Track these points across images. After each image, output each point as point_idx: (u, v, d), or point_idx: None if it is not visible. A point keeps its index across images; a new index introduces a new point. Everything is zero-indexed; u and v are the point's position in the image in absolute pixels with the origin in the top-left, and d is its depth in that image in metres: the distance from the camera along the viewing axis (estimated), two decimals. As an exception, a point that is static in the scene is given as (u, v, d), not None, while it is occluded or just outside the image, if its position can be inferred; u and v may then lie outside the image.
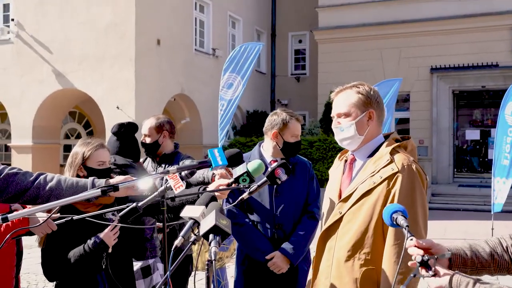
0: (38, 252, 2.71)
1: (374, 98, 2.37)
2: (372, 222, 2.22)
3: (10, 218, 2.10)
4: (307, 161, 3.64)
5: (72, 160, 2.90)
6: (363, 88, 2.38)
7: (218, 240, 1.78)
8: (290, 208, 3.40)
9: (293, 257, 3.31)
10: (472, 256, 1.83)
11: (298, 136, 3.48)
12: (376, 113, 2.37)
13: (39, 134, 14.30)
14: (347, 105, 2.36)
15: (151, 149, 4.08)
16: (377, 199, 2.22)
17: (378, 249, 2.22)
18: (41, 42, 13.96)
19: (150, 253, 3.55)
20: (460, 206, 14.67)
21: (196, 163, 2.31)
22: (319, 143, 15.28)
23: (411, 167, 2.23)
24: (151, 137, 4.06)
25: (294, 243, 3.33)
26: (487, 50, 16.81)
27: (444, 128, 17.66)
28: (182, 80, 15.15)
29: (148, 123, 4.10)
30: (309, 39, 20.90)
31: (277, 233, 3.38)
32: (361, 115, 2.34)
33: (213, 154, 2.27)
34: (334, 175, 2.52)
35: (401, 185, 2.20)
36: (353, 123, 2.34)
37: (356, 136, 2.35)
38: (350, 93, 2.38)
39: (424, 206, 2.24)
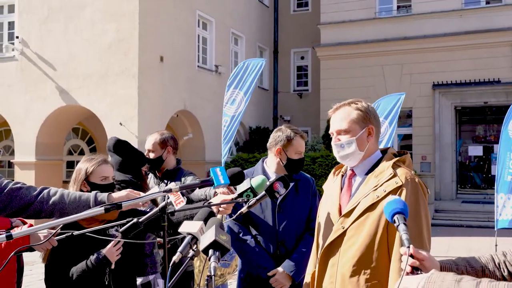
0: (40, 268, 2.72)
1: (372, 114, 2.39)
2: (377, 236, 2.22)
3: (15, 236, 2.11)
4: (310, 177, 3.64)
5: (75, 176, 2.95)
6: (361, 104, 2.40)
7: (217, 255, 1.78)
8: (293, 224, 3.39)
9: (295, 274, 3.30)
10: (462, 270, 1.85)
11: (302, 153, 3.48)
12: (375, 129, 2.39)
13: (43, 150, 14.33)
14: (347, 121, 2.38)
15: (155, 164, 4.09)
16: (381, 213, 2.21)
17: (383, 264, 2.22)
18: (45, 59, 14.06)
19: (150, 269, 3.54)
20: (464, 222, 14.60)
21: (198, 181, 2.32)
22: (321, 159, 15.27)
23: (414, 180, 2.26)
24: (155, 153, 4.07)
25: (296, 260, 3.32)
26: (489, 66, 16.85)
27: (446, 144, 17.65)
28: (185, 97, 15.21)
29: (152, 139, 4.12)
30: (311, 56, 21.00)
31: (279, 249, 3.37)
32: (361, 131, 2.36)
33: (215, 173, 2.29)
34: (331, 190, 2.52)
35: (405, 198, 2.20)
36: (353, 139, 2.36)
37: (357, 152, 2.37)
38: (349, 110, 2.40)
39: (427, 218, 2.26)
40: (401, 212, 1.81)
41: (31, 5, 14.26)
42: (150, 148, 4.09)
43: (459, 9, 17.45)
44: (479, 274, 1.87)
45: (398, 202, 1.84)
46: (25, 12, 14.37)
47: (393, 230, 2.18)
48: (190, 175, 4.11)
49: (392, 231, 2.20)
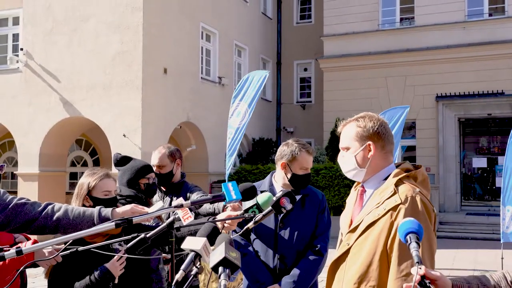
0: (42, 281, 2.69)
1: (373, 130, 2.36)
2: (377, 254, 2.19)
3: (24, 251, 2.10)
4: (320, 192, 3.58)
5: (78, 191, 2.93)
6: (363, 121, 2.39)
7: (228, 272, 1.75)
8: (294, 240, 3.33)
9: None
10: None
11: (308, 168, 3.43)
12: (378, 145, 2.35)
13: (46, 162, 14.33)
14: (348, 138, 2.41)
15: (165, 179, 4.03)
16: (381, 231, 2.19)
17: (383, 282, 2.18)
18: (49, 71, 14.11)
19: (156, 285, 3.49)
20: (469, 234, 14.51)
21: (210, 197, 2.30)
22: (325, 171, 15.23)
23: (415, 199, 2.18)
24: (166, 167, 4.01)
25: (295, 277, 3.26)
26: (493, 78, 16.84)
27: (450, 156, 17.59)
28: (189, 108, 15.23)
29: (160, 153, 4.06)
30: (314, 67, 21.04)
31: (279, 264, 3.32)
32: (360, 149, 2.36)
33: (227, 188, 2.27)
34: (349, 204, 2.51)
35: (404, 218, 2.15)
36: (352, 156, 2.38)
37: (358, 169, 2.38)
38: (350, 127, 2.42)
39: (429, 241, 2.16)
40: (415, 232, 1.79)
41: (36, 17, 14.34)
42: (159, 163, 4.02)
43: (462, 21, 17.48)
44: None
45: (413, 222, 1.82)
46: (29, 24, 14.45)
47: (391, 250, 2.16)
48: (196, 189, 4.06)
49: (390, 251, 2.16)
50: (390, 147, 2.41)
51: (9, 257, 2.09)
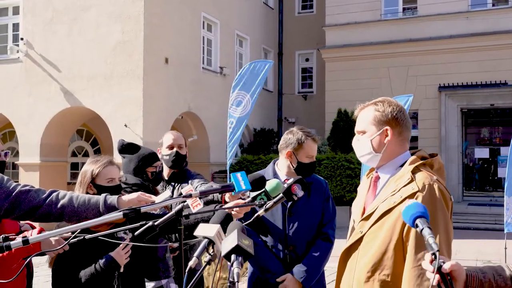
0: (45, 270, 2.66)
1: (392, 115, 2.30)
2: (392, 242, 2.14)
3: (31, 241, 2.06)
4: (323, 180, 3.54)
5: (81, 179, 2.89)
6: (382, 105, 2.33)
7: (240, 260, 1.71)
8: (303, 229, 3.31)
9: (305, 280, 3.20)
10: (490, 278, 1.78)
11: (313, 157, 3.38)
12: (395, 131, 2.30)
13: (47, 152, 14.30)
14: (364, 122, 2.35)
15: (183, 161, 3.99)
16: (397, 219, 2.13)
17: (398, 271, 2.13)
18: (50, 60, 14.03)
19: (163, 273, 3.47)
20: (471, 225, 14.50)
21: (219, 187, 2.25)
22: (327, 161, 15.20)
23: (433, 187, 2.13)
24: (183, 149, 3.97)
25: (307, 265, 3.23)
26: (496, 68, 16.75)
27: (452, 146, 17.56)
28: (190, 98, 15.17)
29: (178, 134, 4.03)
30: (316, 58, 20.96)
31: (289, 254, 3.29)
32: (377, 133, 2.30)
33: (236, 178, 2.22)
34: (361, 192, 2.46)
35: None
36: (368, 140, 2.32)
37: (373, 153, 2.32)
38: (369, 110, 2.36)
39: (447, 230, 2.13)
40: (422, 216, 1.74)
41: (36, 7, 14.24)
42: (180, 143, 3.97)
43: (465, 11, 17.37)
44: (507, 282, 1.79)
45: (417, 206, 1.78)
46: (29, 13, 14.35)
47: (408, 237, 2.11)
48: (198, 177, 4.02)
49: (406, 238, 2.11)
50: (407, 134, 2.35)
51: (16, 247, 2.05)
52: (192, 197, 2.17)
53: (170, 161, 3.89)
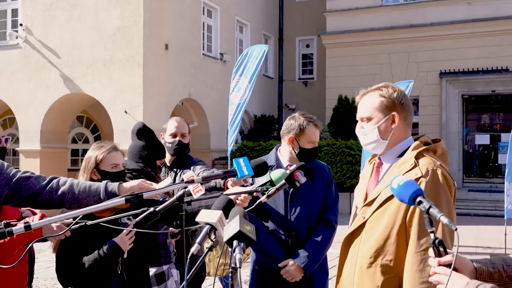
0: (47, 256, 2.66)
1: (398, 101, 2.28)
2: (395, 228, 2.13)
3: (33, 226, 2.06)
4: (326, 165, 3.53)
5: (85, 164, 2.88)
6: (387, 90, 2.30)
7: (242, 246, 1.70)
8: (305, 214, 3.31)
9: (307, 265, 3.21)
10: (499, 269, 1.77)
11: (316, 142, 3.37)
12: (401, 116, 2.28)
13: (47, 138, 14.29)
14: (370, 108, 2.30)
15: (186, 149, 3.99)
16: (400, 205, 2.12)
17: (400, 256, 2.14)
18: (49, 46, 13.96)
19: (164, 259, 3.47)
20: (471, 211, 14.54)
21: (221, 173, 2.24)
22: (327, 148, 15.20)
23: (436, 172, 2.13)
24: (187, 137, 3.96)
25: (309, 251, 3.23)
26: (497, 54, 16.68)
27: (453, 133, 17.54)
28: (190, 85, 15.13)
29: (182, 121, 4.01)
30: (317, 44, 20.86)
31: (291, 240, 3.29)
32: (383, 119, 2.27)
33: (239, 164, 2.21)
34: (363, 178, 2.45)
35: (425, 191, 2.09)
36: (375, 127, 2.28)
37: (380, 141, 2.28)
38: (373, 96, 2.31)
39: (450, 215, 2.12)
40: (422, 194, 1.71)
41: (35, -8, 14.13)
42: (184, 131, 3.96)
43: (466, -3, 17.26)
44: None
45: (413, 184, 1.75)
46: (28, -1, 14.25)
47: (410, 224, 2.11)
48: (200, 163, 4.01)
49: (409, 225, 2.11)
50: (410, 119, 2.34)
51: (18, 232, 2.05)
52: (195, 182, 2.16)
53: (172, 149, 3.89)
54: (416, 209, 2.09)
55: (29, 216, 2.95)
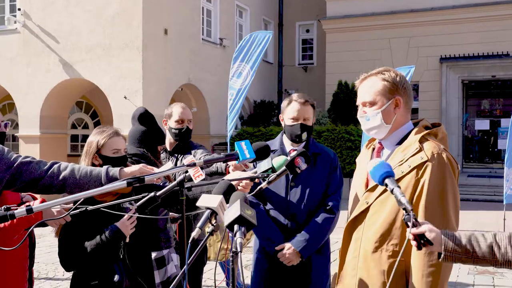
0: (47, 241, 2.67)
1: (401, 85, 2.27)
2: (400, 212, 2.14)
3: (35, 209, 2.06)
4: (331, 151, 3.49)
5: (87, 149, 2.88)
6: (389, 74, 2.28)
7: (243, 231, 1.71)
8: (305, 198, 3.30)
9: (303, 250, 3.21)
10: (466, 243, 1.80)
11: (298, 118, 3.31)
12: (403, 100, 2.27)
13: (47, 124, 14.28)
14: (373, 93, 2.27)
15: (189, 135, 4.00)
16: (405, 189, 2.13)
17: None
18: (48, 31, 13.89)
19: (164, 244, 3.48)
20: (470, 196, 14.56)
21: (223, 156, 2.25)
22: (327, 133, 15.19)
23: (442, 156, 2.14)
24: (191, 123, 3.99)
25: (306, 235, 3.23)
26: (498, 39, 16.61)
27: (453, 118, 17.54)
28: (189, 70, 15.07)
29: (187, 108, 4.03)
30: (317, 29, 20.75)
31: (290, 223, 3.30)
32: (387, 103, 2.25)
33: (241, 147, 2.21)
34: (362, 164, 2.44)
35: (431, 175, 2.10)
36: (379, 111, 2.25)
37: (383, 125, 2.26)
38: (375, 81, 2.28)
39: (455, 197, 2.14)
40: (390, 175, 1.87)
41: (33, -24, 14.02)
42: (191, 118, 3.99)
43: (468, -19, 17.14)
44: (485, 250, 1.81)
45: (383, 166, 1.89)
46: (26, -17, 14.15)
47: (417, 206, 2.11)
48: (201, 148, 4.02)
49: (416, 207, 2.11)
50: (411, 104, 2.34)
51: (20, 216, 2.05)
52: (196, 166, 2.16)
53: (179, 134, 3.91)
54: (422, 194, 2.10)
55: (29, 201, 2.95)
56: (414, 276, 2.11)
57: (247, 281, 6.29)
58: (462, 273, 7.24)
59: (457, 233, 1.83)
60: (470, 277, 7.05)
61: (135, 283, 2.83)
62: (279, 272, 3.30)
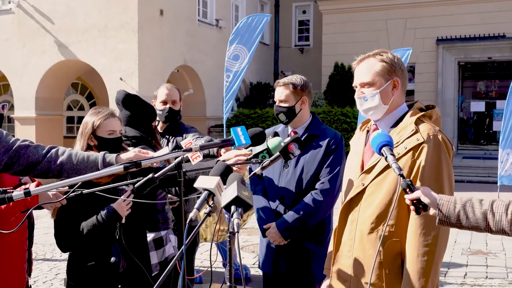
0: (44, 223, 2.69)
1: (399, 66, 2.29)
2: (396, 193, 2.16)
3: (33, 192, 2.08)
4: (332, 134, 3.37)
5: (82, 130, 2.88)
6: (387, 55, 2.30)
7: (240, 211, 1.73)
8: (294, 180, 3.27)
9: (284, 231, 3.19)
10: (460, 209, 1.83)
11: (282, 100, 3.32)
12: (401, 81, 2.30)
13: (42, 105, 14.24)
14: (371, 74, 2.28)
15: (177, 116, 4.00)
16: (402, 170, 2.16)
17: (402, 221, 2.19)
18: (43, 12, 13.77)
19: (162, 225, 3.51)
20: (465, 177, 14.67)
21: (219, 141, 2.27)
22: (323, 115, 15.22)
23: (437, 137, 2.17)
24: (177, 104, 4.00)
25: (289, 217, 3.21)
26: (494, 20, 16.57)
27: (449, 100, 17.56)
28: (185, 51, 15.01)
29: (173, 88, 4.03)
30: (313, 10, 20.63)
31: (278, 205, 3.30)
32: (386, 84, 2.27)
33: (236, 133, 2.23)
34: (356, 146, 2.46)
35: (427, 156, 2.14)
36: (377, 92, 2.27)
37: (381, 106, 2.28)
38: (373, 62, 2.30)
39: (450, 178, 2.19)
40: (388, 145, 1.96)
41: (27, -44, 13.86)
42: (174, 98, 3.99)
43: (465, -39, 17.03)
44: (478, 216, 1.84)
45: (384, 135, 2.00)
46: (20, -37, 13.98)
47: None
48: (192, 130, 4.04)
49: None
50: (407, 85, 2.37)
51: (18, 198, 2.07)
52: (193, 151, 2.19)
53: (164, 116, 3.97)
54: (418, 175, 2.14)
55: (28, 182, 2.97)
56: (409, 256, 2.14)
57: (244, 261, 6.37)
58: (456, 253, 7.33)
59: (454, 198, 1.87)
60: (464, 257, 7.14)
61: (132, 264, 2.86)
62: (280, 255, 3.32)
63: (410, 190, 1.86)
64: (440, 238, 2.12)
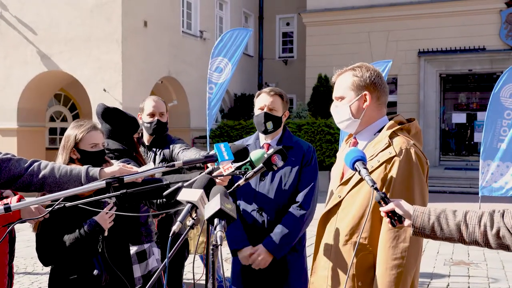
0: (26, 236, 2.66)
1: (370, 80, 2.32)
2: (369, 206, 2.19)
3: (13, 208, 2.06)
4: (306, 145, 3.39)
5: (64, 143, 2.86)
6: (359, 70, 2.34)
7: (223, 224, 1.74)
8: (271, 193, 3.23)
9: (275, 251, 3.13)
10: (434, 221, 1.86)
11: (263, 108, 3.28)
12: (373, 96, 2.32)
13: (24, 116, 14.10)
14: (343, 88, 2.36)
15: (164, 128, 3.97)
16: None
17: (375, 234, 2.20)
18: (25, 22, 13.69)
19: (145, 238, 3.49)
20: (447, 188, 14.81)
21: (202, 157, 2.27)
22: (307, 126, 15.27)
23: (410, 151, 2.19)
24: (165, 116, 3.96)
25: (277, 234, 3.14)
26: (476, 33, 16.84)
27: (431, 112, 17.76)
28: (170, 63, 15.00)
29: (160, 101, 4.00)
30: (297, 22, 20.79)
31: (258, 216, 3.23)
32: (355, 98, 2.32)
33: (219, 149, 2.24)
34: (339, 158, 2.49)
35: (398, 170, 2.16)
36: (347, 105, 2.33)
37: (351, 119, 2.34)
38: (347, 76, 2.36)
39: (422, 193, 2.20)
40: (360, 159, 2.01)
41: (9, -34, 13.79)
42: (161, 110, 3.96)
43: (446, -24, 17.32)
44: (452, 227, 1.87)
45: (356, 151, 2.04)
46: (3, -27, 13.91)
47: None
48: (179, 142, 4.02)
49: None
50: (384, 99, 2.39)
51: (-2, 214, 2.05)
52: (176, 167, 2.19)
53: (151, 129, 3.92)
54: (390, 187, 2.16)
55: (10, 195, 2.93)
56: (378, 269, 2.16)
57: (227, 274, 6.33)
58: (438, 264, 7.38)
59: (428, 209, 1.90)
60: (446, 268, 7.19)
61: (114, 277, 2.84)
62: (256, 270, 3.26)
63: (384, 202, 1.89)
64: (410, 252, 2.12)
